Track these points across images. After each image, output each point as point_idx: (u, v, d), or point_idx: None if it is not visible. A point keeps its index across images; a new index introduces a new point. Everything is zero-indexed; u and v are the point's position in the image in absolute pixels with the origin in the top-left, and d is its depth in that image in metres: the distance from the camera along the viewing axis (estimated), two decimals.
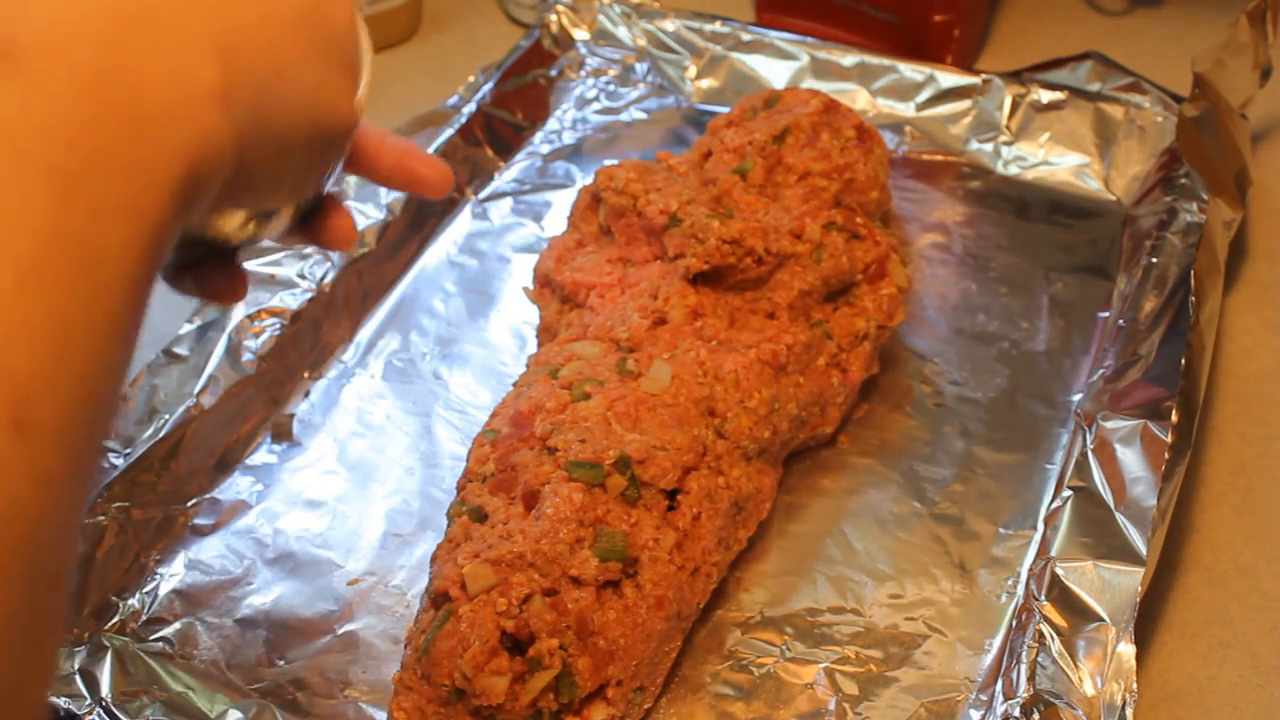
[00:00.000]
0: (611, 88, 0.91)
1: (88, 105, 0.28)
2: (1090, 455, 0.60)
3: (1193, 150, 0.75)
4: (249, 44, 0.35)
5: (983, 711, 0.54)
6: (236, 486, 0.65)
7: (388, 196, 0.78)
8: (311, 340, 0.72)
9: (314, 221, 0.49)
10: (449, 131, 0.83)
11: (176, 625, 0.59)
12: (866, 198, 0.71)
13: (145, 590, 0.60)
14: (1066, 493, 0.59)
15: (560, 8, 0.93)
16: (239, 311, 0.69)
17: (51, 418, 0.26)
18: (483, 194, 0.83)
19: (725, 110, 0.78)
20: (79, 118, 0.28)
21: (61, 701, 0.54)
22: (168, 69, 0.31)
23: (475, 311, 0.75)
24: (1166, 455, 0.59)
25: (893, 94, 0.86)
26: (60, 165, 0.27)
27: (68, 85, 0.28)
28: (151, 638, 0.58)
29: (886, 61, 0.87)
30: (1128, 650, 0.52)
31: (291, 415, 0.69)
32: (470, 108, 0.85)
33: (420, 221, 0.80)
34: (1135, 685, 0.51)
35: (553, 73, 0.91)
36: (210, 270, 0.46)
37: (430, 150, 0.80)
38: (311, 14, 0.38)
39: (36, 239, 0.26)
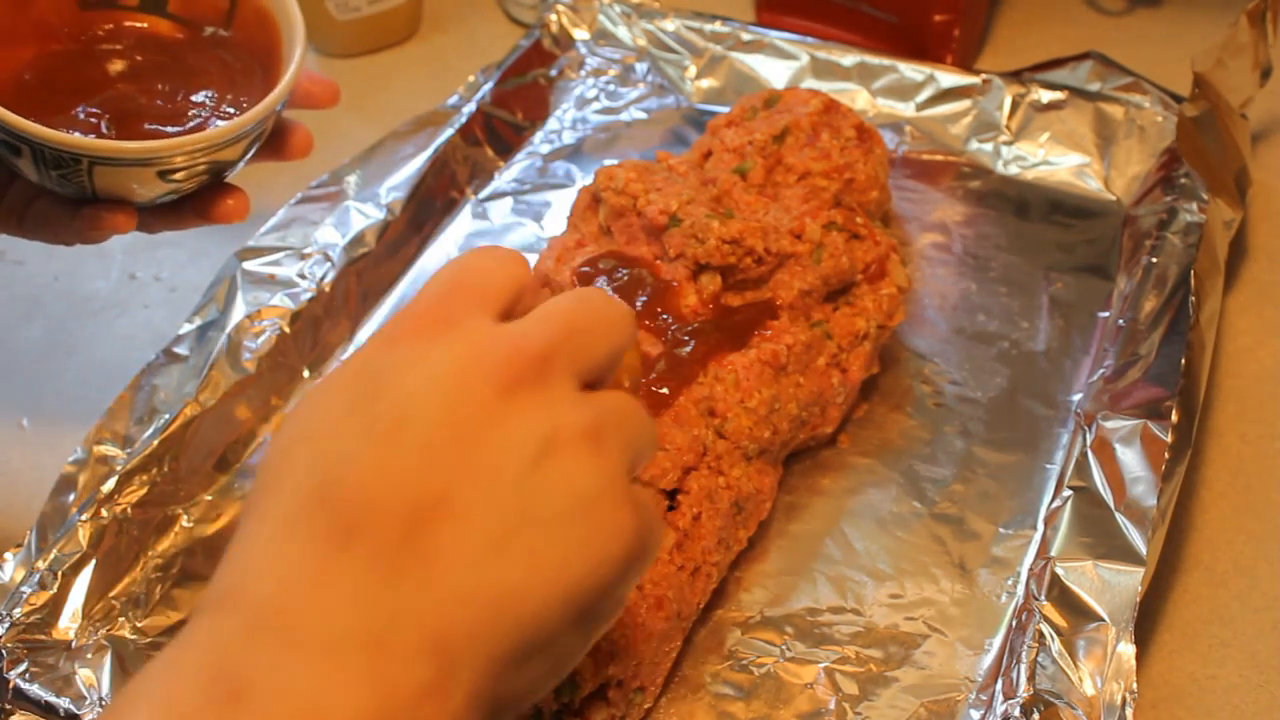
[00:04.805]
0: (611, 88, 0.91)
1: None
2: (1090, 455, 0.60)
3: (1193, 150, 0.75)
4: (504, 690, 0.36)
5: (983, 711, 0.54)
6: (237, 486, 0.65)
7: (388, 196, 0.78)
8: (311, 340, 0.72)
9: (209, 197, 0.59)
10: (449, 131, 0.83)
11: (177, 625, 0.59)
12: (866, 198, 0.71)
13: (146, 590, 0.60)
14: (1066, 493, 0.59)
15: (560, 8, 0.93)
16: (239, 311, 0.69)
17: None
18: (483, 194, 0.83)
19: (725, 110, 0.78)
20: None
21: (62, 701, 0.54)
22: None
23: None
24: (1166, 455, 0.58)
25: (893, 94, 0.86)
26: None
27: None
28: (152, 638, 0.58)
29: (886, 61, 0.87)
30: (1128, 650, 0.52)
31: None
32: (470, 107, 0.85)
33: (420, 221, 0.80)
34: (1135, 685, 0.51)
35: (553, 73, 0.91)
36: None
37: (430, 150, 0.80)
38: (558, 644, 0.37)
39: None
